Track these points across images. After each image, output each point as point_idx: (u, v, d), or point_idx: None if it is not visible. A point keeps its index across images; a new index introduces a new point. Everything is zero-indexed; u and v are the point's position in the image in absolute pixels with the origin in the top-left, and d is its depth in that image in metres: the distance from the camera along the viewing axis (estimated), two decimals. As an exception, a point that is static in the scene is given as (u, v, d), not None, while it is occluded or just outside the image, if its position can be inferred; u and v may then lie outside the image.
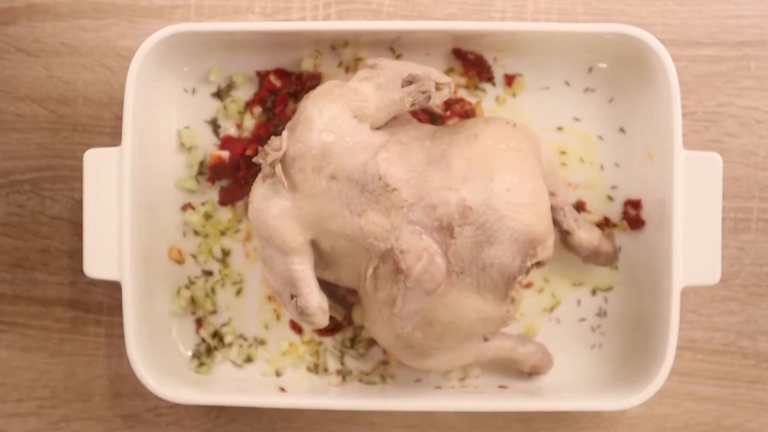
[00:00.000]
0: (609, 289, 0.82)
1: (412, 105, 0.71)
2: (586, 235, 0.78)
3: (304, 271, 0.71)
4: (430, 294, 0.69)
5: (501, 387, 0.81)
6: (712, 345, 0.83)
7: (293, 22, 0.82)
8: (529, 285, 0.82)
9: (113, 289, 0.83)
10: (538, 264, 0.71)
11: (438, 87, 0.70)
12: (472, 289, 0.69)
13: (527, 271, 0.70)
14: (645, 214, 0.80)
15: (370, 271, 0.70)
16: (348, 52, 0.80)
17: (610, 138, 0.81)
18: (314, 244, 0.71)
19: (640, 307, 0.80)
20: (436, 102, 0.71)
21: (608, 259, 0.79)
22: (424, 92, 0.70)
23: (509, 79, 0.81)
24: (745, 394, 0.83)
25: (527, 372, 0.80)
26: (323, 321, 0.72)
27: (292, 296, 0.71)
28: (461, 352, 0.75)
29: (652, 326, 0.77)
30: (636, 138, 0.80)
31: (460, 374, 0.81)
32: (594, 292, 0.82)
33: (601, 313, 0.82)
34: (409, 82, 0.70)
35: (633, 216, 0.81)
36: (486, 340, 0.77)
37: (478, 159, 0.69)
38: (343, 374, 0.82)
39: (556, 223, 0.78)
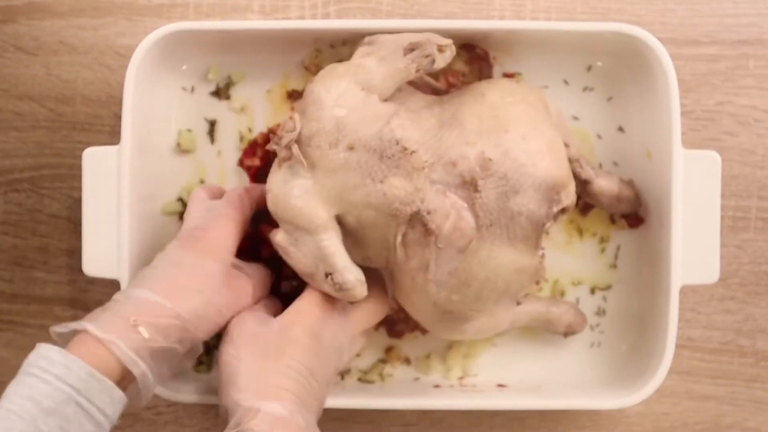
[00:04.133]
0: (608, 287, 0.82)
1: (417, 71, 0.70)
2: (606, 182, 0.78)
3: (335, 245, 0.69)
4: (462, 251, 0.68)
5: (500, 386, 0.81)
6: (710, 344, 0.83)
7: (292, 21, 0.82)
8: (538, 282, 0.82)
9: (112, 287, 0.82)
10: (563, 210, 0.70)
11: (440, 49, 0.71)
12: (503, 240, 0.69)
13: (555, 218, 0.70)
14: (644, 212, 0.80)
15: (399, 238, 0.69)
16: (347, 50, 0.80)
17: (609, 137, 0.81)
18: (340, 221, 0.70)
19: (638, 305, 0.80)
20: (440, 65, 0.71)
21: (631, 203, 0.79)
22: (427, 56, 0.70)
23: (508, 78, 0.81)
24: (744, 392, 0.83)
25: (563, 332, 0.79)
26: (363, 292, 0.70)
27: (327, 274, 0.70)
28: (497, 317, 0.74)
29: (651, 325, 0.77)
30: (635, 137, 0.80)
31: (459, 373, 0.81)
32: (593, 291, 0.82)
33: (600, 312, 0.82)
34: (410, 49, 0.70)
35: (632, 214, 0.81)
36: (518, 303, 0.76)
37: (489, 114, 0.69)
38: (342, 373, 0.82)
39: (574, 174, 0.76)
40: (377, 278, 0.75)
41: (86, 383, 0.60)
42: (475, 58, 0.80)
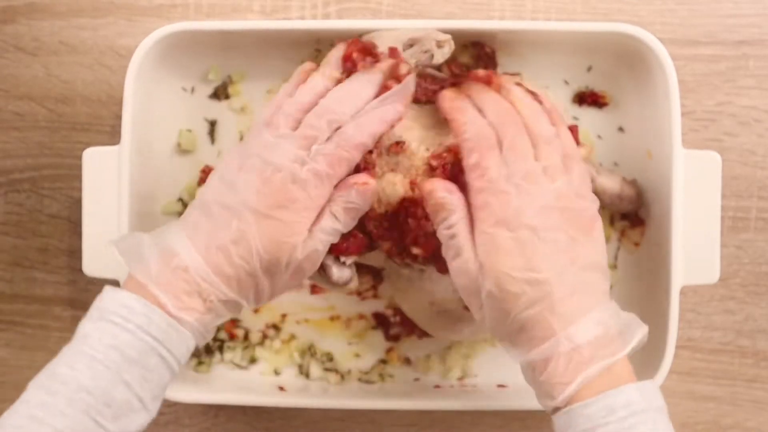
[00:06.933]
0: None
1: (416, 66, 0.71)
2: (607, 180, 0.78)
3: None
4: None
5: (500, 386, 0.81)
6: (711, 344, 0.83)
7: (293, 21, 0.82)
8: None
9: (112, 287, 0.83)
10: None
11: (439, 44, 0.71)
12: None
13: None
14: (644, 212, 0.80)
15: None
16: (347, 50, 0.80)
17: (609, 137, 0.81)
18: None
19: (639, 306, 0.80)
20: (439, 60, 0.71)
21: (632, 202, 0.79)
22: (426, 52, 0.70)
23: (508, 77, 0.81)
24: (744, 393, 0.83)
25: None
26: (356, 284, 0.71)
27: (321, 269, 0.70)
28: None
29: (651, 325, 0.77)
30: (635, 137, 0.80)
31: (458, 373, 0.81)
32: (593, 291, 0.82)
33: (600, 312, 0.82)
34: (410, 45, 0.71)
35: (632, 214, 0.81)
36: None
37: None
38: (342, 373, 0.82)
39: None
40: None
41: (166, 334, 0.60)
42: (483, 56, 0.80)
